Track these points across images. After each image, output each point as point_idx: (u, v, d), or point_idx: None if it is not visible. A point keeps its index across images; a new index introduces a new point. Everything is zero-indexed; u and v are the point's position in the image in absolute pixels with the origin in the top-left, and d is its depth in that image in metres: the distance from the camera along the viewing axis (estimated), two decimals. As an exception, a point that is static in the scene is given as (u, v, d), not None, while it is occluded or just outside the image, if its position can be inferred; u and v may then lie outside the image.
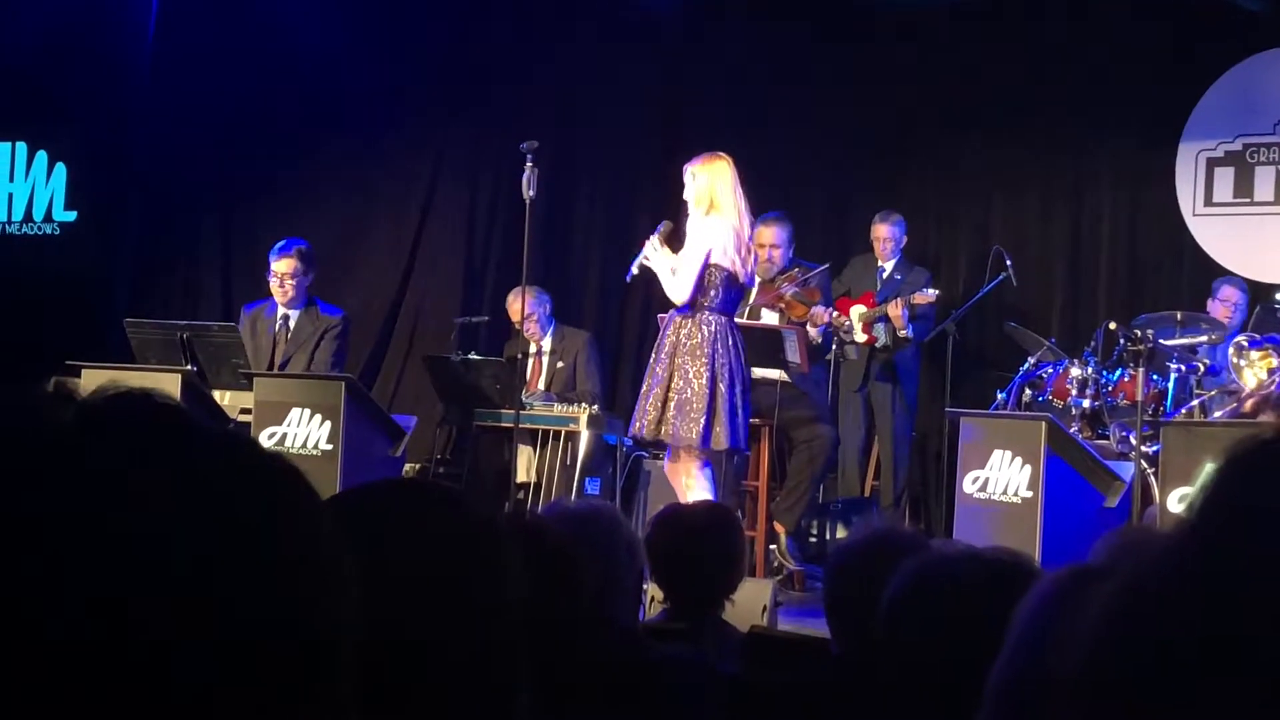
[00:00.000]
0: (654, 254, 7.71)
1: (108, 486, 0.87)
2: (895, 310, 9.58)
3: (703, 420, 7.44)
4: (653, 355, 7.75)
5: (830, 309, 9.53)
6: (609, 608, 3.24)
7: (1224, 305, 9.18)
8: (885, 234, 10.02)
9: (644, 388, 7.71)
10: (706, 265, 7.51)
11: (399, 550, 1.57)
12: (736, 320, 7.89)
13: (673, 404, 7.49)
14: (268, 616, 0.89)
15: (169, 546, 0.87)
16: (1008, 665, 1.42)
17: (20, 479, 0.87)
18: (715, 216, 7.54)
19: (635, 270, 7.89)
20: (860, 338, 9.83)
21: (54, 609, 0.84)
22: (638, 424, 7.67)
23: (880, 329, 9.83)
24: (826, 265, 9.71)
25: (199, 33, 11.48)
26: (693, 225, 7.63)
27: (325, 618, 0.93)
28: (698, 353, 7.51)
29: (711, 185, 7.54)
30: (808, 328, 9.18)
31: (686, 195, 7.63)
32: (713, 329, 7.55)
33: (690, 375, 7.50)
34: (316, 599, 0.92)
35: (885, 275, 10.01)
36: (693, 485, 7.55)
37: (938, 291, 9.69)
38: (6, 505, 0.86)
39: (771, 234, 9.30)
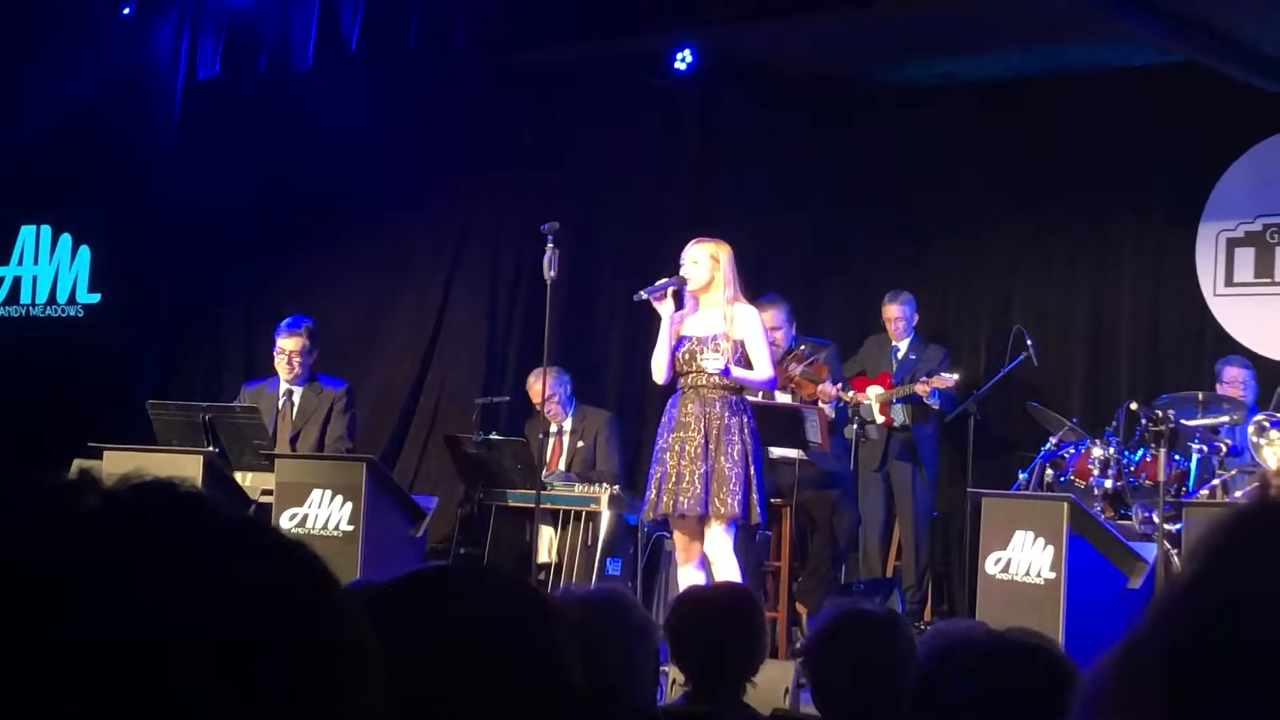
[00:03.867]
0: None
1: (130, 580, 0.88)
2: (924, 390, 9.61)
3: (740, 493, 7.42)
4: (675, 433, 7.56)
5: (839, 384, 9.55)
6: (624, 690, 3.22)
7: (1231, 386, 9.14)
8: (896, 314, 10.05)
9: (670, 467, 7.53)
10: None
11: (469, 633, 1.58)
12: (754, 399, 7.89)
13: (715, 478, 7.44)
14: (289, 704, 0.90)
15: (190, 638, 0.88)
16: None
17: (45, 570, 0.88)
18: (740, 302, 7.58)
19: (644, 295, 7.80)
20: (879, 418, 9.83)
21: (77, 695, 0.85)
22: (673, 501, 7.50)
23: (898, 409, 9.83)
24: (833, 343, 9.73)
25: (223, 115, 11.55)
26: (715, 306, 7.57)
27: (348, 704, 0.93)
28: (732, 432, 7.49)
29: (728, 269, 7.57)
30: (819, 404, 9.19)
31: (700, 270, 7.58)
32: (744, 409, 7.57)
33: (733, 453, 7.47)
34: (338, 685, 0.93)
35: (900, 355, 10.03)
36: (731, 559, 7.48)
37: (957, 375, 9.70)
38: (32, 597, 0.87)
39: (772, 316, 9.29)
